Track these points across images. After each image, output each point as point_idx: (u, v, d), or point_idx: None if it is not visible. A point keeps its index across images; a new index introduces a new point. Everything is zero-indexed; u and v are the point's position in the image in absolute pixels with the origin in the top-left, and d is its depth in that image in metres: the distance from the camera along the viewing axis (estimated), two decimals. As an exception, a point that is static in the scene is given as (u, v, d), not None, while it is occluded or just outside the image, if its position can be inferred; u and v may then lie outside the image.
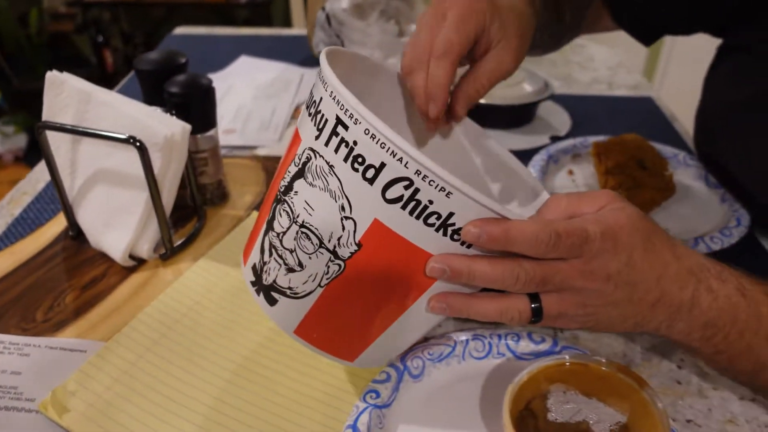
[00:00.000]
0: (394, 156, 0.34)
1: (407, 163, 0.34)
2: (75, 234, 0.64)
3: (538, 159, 0.78)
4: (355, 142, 0.35)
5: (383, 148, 0.34)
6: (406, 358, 0.50)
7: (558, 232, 0.39)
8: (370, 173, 0.35)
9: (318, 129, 0.38)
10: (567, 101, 0.98)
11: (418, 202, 0.35)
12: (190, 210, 0.67)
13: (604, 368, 0.44)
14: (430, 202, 0.35)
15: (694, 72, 0.93)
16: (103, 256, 0.62)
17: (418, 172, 0.34)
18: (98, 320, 0.54)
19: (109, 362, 0.50)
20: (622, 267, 0.41)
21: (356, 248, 0.38)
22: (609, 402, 0.43)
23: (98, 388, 0.48)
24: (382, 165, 0.35)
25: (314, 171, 0.38)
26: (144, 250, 0.60)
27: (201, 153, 0.65)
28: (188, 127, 0.58)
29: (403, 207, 0.35)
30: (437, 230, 0.36)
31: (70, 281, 0.59)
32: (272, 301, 0.42)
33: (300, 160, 0.39)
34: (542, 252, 0.39)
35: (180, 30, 1.29)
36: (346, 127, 0.36)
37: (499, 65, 0.50)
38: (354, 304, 0.41)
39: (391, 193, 0.35)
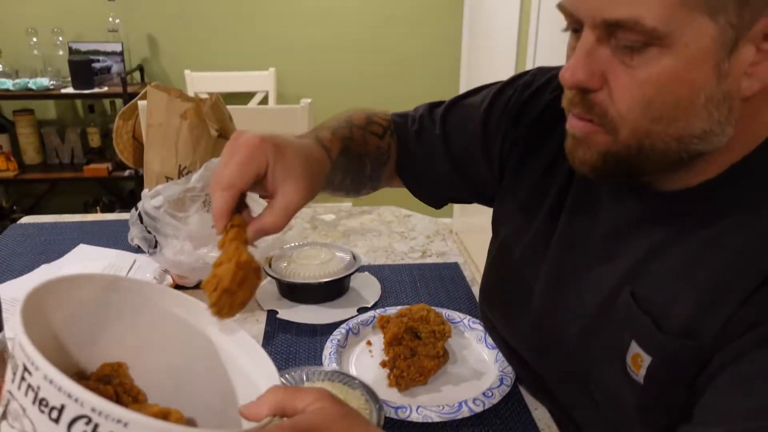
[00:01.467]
0: (70, 397, 0.39)
1: (83, 402, 0.39)
2: None
3: (337, 333, 0.85)
4: (38, 387, 0.40)
5: (60, 391, 0.39)
6: None
7: None
8: (54, 414, 0.39)
9: (13, 373, 0.42)
10: (381, 271, 1.08)
11: None
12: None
13: None
14: None
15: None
16: None
17: (93, 409, 0.39)
18: None
19: None
20: None
21: None
22: None
23: None
24: (63, 406, 0.39)
25: (13, 413, 0.41)
26: None
27: (-16, 360, 0.66)
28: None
29: None
30: None
31: None
32: None
33: (4, 401, 0.43)
34: None
35: (26, 219, 1.32)
36: (30, 373, 0.40)
37: (287, 202, 0.59)
38: None
39: (77, 430, 0.39)
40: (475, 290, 1.03)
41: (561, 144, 0.62)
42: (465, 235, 3.00)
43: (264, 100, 2.99)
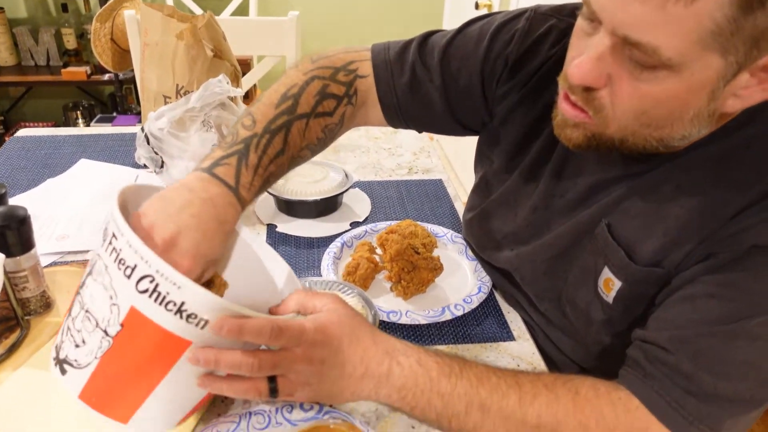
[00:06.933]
0: (142, 259, 0.49)
1: (150, 264, 0.49)
2: None
3: (333, 247, 0.94)
4: (120, 249, 0.50)
5: (136, 253, 0.49)
6: (195, 436, 0.62)
7: (280, 326, 0.53)
8: (128, 271, 0.50)
9: (103, 239, 0.53)
10: (371, 187, 1.15)
11: (159, 293, 0.50)
12: (14, 322, 0.76)
13: (338, 428, 0.59)
14: (168, 293, 0.50)
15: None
16: (-72, 374, 0.69)
17: (157, 271, 0.49)
18: None
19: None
20: (333, 352, 0.56)
21: (120, 328, 0.52)
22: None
23: None
24: (135, 266, 0.50)
25: (97, 269, 0.53)
26: (-34, 365, 0.68)
27: (21, 272, 0.74)
28: (1, 257, 0.67)
29: (150, 296, 0.50)
30: (175, 315, 0.50)
31: None
32: (63, 372, 0.55)
33: (92, 261, 0.54)
34: (267, 340, 0.53)
35: (23, 132, 1.35)
36: (116, 238, 0.51)
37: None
38: (121, 370, 0.54)
39: (142, 286, 0.50)
40: (458, 206, 1.11)
41: (551, 104, 0.66)
42: (448, 145, 3.07)
43: (244, 3, 2.91)
